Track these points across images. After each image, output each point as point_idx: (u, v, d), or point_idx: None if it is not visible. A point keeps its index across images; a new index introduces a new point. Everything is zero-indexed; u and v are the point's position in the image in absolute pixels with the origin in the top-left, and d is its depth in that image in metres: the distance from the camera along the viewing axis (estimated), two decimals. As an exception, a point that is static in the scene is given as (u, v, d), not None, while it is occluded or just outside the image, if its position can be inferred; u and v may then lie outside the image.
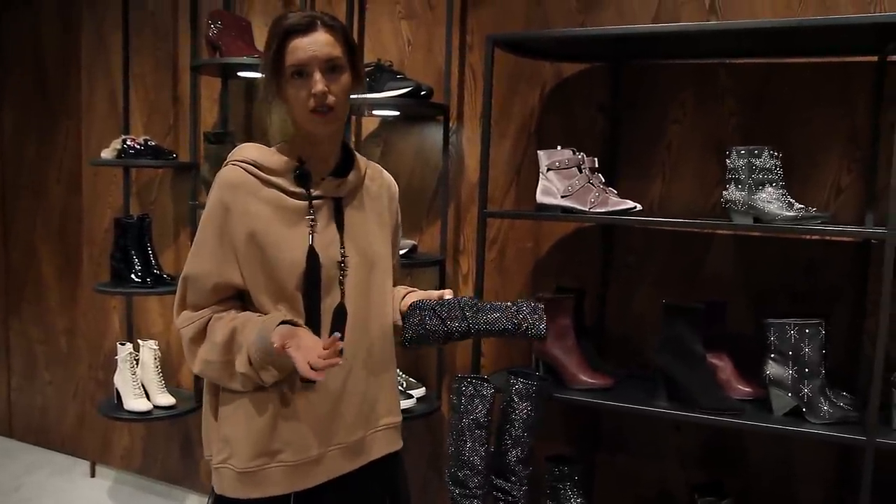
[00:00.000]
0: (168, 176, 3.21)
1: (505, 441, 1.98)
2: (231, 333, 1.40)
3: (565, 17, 2.40)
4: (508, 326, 1.51)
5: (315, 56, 1.38)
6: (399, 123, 2.72)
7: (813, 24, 1.81)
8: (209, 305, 1.44)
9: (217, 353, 1.41)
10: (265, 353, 1.35)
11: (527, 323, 1.51)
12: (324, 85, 1.38)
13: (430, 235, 2.66)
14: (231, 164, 1.45)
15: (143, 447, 3.40)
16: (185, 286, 1.45)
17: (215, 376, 1.45)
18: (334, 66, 1.40)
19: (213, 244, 1.42)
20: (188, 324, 1.44)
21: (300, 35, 1.38)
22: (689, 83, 2.25)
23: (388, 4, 2.69)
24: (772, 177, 1.87)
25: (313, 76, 1.38)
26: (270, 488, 1.44)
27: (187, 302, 1.46)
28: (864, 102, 2.05)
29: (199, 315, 1.44)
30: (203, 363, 1.44)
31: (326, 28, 1.40)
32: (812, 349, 1.84)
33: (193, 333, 1.44)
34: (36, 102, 3.65)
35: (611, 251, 2.37)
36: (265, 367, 1.38)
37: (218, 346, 1.41)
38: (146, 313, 3.31)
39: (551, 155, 2.11)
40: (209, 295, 1.44)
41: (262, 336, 1.35)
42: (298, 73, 1.39)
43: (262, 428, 1.43)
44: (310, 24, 1.39)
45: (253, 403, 1.43)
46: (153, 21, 3.19)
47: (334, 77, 1.40)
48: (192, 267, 1.44)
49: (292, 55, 1.38)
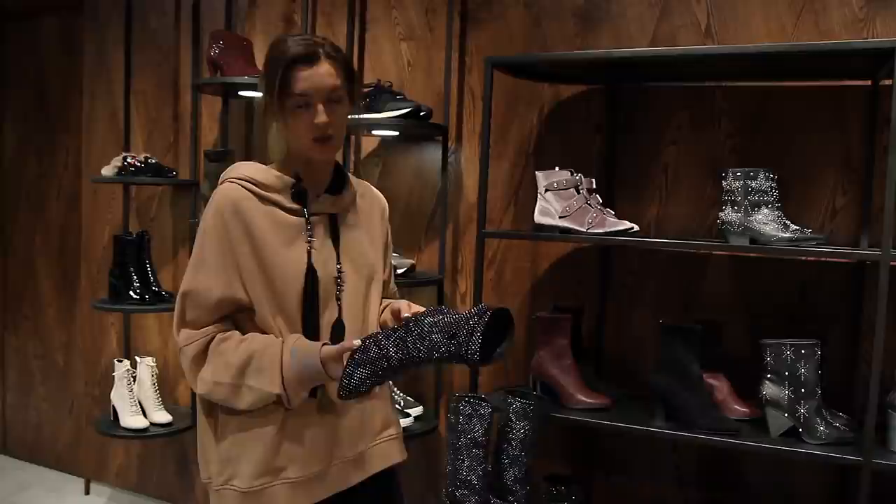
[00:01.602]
0: (168, 194, 3.23)
1: (503, 460, 1.98)
2: (248, 358, 1.40)
3: (564, 39, 2.43)
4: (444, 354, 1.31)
5: (318, 88, 1.41)
6: (398, 143, 2.74)
7: (807, 50, 1.85)
8: (210, 322, 1.43)
9: (230, 376, 1.40)
10: (311, 378, 1.38)
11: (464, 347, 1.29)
12: (325, 116, 1.41)
13: (429, 255, 2.67)
14: (228, 181, 1.46)
15: (139, 465, 3.38)
16: (185, 302, 1.44)
17: (222, 397, 1.43)
18: (336, 97, 1.44)
19: (215, 259, 1.42)
20: (190, 342, 1.43)
21: (304, 66, 1.41)
22: (686, 105, 2.28)
23: (389, 26, 2.72)
24: (767, 198, 1.89)
25: (316, 107, 1.41)
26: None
27: (187, 319, 1.44)
28: (858, 125, 2.08)
29: (201, 333, 1.43)
30: (210, 384, 1.42)
31: (329, 59, 1.43)
32: (808, 370, 1.85)
33: (196, 352, 1.42)
34: (37, 119, 3.68)
35: (608, 272, 2.39)
36: (302, 390, 1.40)
37: (233, 369, 1.40)
38: (144, 330, 3.31)
39: (549, 176, 2.13)
40: (211, 311, 1.43)
41: (306, 362, 1.37)
42: (301, 104, 1.42)
43: (266, 446, 1.43)
44: (313, 54, 1.42)
45: (256, 422, 1.44)
46: (155, 39, 3.22)
47: (334, 107, 1.44)
48: (194, 283, 1.43)
49: (296, 85, 1.41)
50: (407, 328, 1.34)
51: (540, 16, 2.47)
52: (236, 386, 1.40)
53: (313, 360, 1.37)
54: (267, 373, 1.38)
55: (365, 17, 2.76)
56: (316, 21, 2.83)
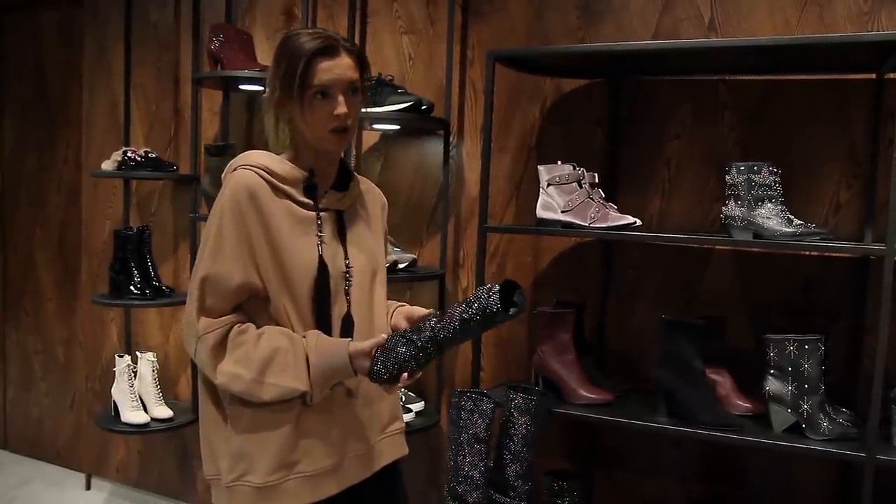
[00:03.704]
0: (168, 188, 3.22)
1: (504, 456, 1.98)
2: (272, 353, 1.39)
3: (566, 33, 2.42)
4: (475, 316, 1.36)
5: (340, 79, 1.43)
6: (399, 137, 2.73)
7: (811, 42, 1.83)
8: (228, 310, 1.42)
9: (253, 371, 1.39)
10: (336, 375, 1.41)
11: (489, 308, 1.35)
12: (346, 107, 1.43)
13: (430, 249, 2.66)
14: (242, 167, 1.45)
15: (140, 460, 3.38)
16: (204, 288, 1.40)
17: (242, 389, 1.41)
18: (354, 88, 1.46)
19: (233, 245, 1.40)
20: (210, 331, 1.40)
21: (327, 58, 1.43)
22: (689, 99, 2.27)
23: (390, 19, 2.71)
24: (771, 193, 1.88)
25: (337, 98, 1.43)
26: (288, 501, 1.43)
27: (206, 306, 1.41)
28: (863, 119, 2.06)
29: (221, 322, 1.41)
30: (230, 376, 1.40)
31: (348, 52, 1.46)
32: (812, 365, 1.84)
33: (216, 341, 1.40)
34: (37, 113, 3.66)
35: (610, 266, 2.38)
36: (327, 387, 1.42)
37: (255, 363, 1.39)
38: (144, 325, 3.30)
39: (552, 170, 2.12)
40: (231, 298, 1.41)
41: (334, 360, 1.39)
42: (322, 94, 1.43)
43: (282, 440, 1.42)
44: (334, 47, 1.44)
45: (271, 416, 1.43)
46: (155, 33, 3.20)
47: (353, 100, 1.46)
48: (214, 268, 1.40)
49: (319, 76, 1.42)
50: (426, 319, 1.42)
51: (542, 9, 2.46)
52: (258, 381, 1.39)
53: (341, 358, 1.39)
54: (291, 370, 1.38)
55: (366, 10, 2.75)
56: (317, 14, 2.81)
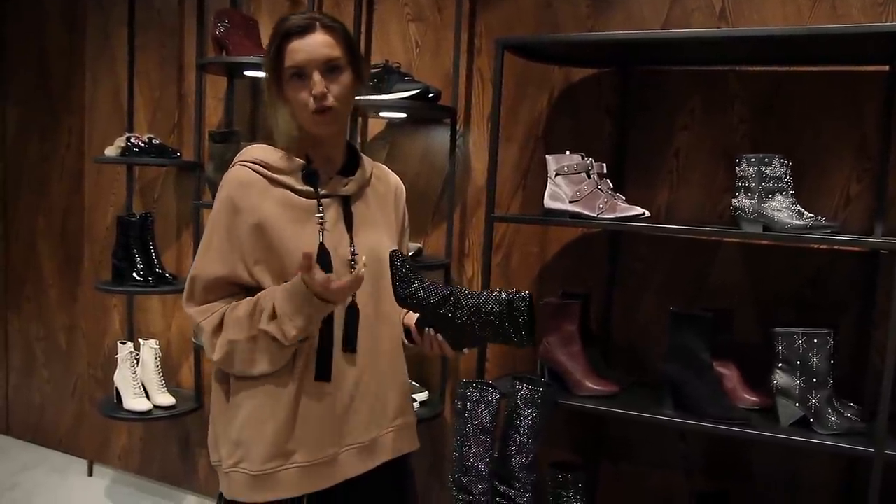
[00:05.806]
0: (172, 174, 3.20)
1: (509, 447, 1.97)
2: (254, 304, 1.39)
3: (575, 21, 2.39)
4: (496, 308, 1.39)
5: (313, 57, 1.39)
6: (406, 126, 2.71)
7: (824, 33, 1.80)
8: (218, 300, 1.45)
9: (242, 329, 1.39)
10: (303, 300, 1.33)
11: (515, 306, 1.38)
12: (323, 86, 1.39)
13: (436, 239, 2.64)
14: (238, 164, 1.46)
15: (142, 447, 3.38)
16: (193, 286, 1.46)
17: (240, 357, 1.41)
18: (333, 66, 1.41)
19: (222, 243, 1.42)
20: (206, 316, 1.43)
21: (298, 37, 1.40)
22: (699, 90, 2.24)
23: (397, 6, 2.68)
24: (782, 185, 1.86)
25: (312, 77, 1.39)
26: (283, 490, 1.43)
27: (195, 300, 1.46)
28: (875, 111, 2.04)
29: (213, 308, 1.44)
30: (227, 346, 1.40)
31: (325, 29, 1.41)
32: (820, 359, 1.82)
33: (214, 324, 1.42)
34: (39, 99, 3.64)
35: (617, 257, 2.36)
36: (291, 318, 1.34)
37: (242, 320, 1.39)
38: (147, 312, 3.29)
39: (560, 160, 2.10)
40: (217, 292, 1.44)
41: (293, 283, 1.34)
42: (298, 75, 1.41)
43: (276, 428, 1.42)
44: (308, 25, 1.40)
45: (267, 404, 1.43)
46: (159, 18, 3.18)
47: (334, 77, 1.42)
48: (201, 267, 1.44)
49: (290, 57, 1.40)
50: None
51: (551, -3, 2.43)
52: (249, 339, 1.38)
53: (297, 280, 1.34)
54: (267, 312, 1.37)
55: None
56: (322, 1, 2.79)
